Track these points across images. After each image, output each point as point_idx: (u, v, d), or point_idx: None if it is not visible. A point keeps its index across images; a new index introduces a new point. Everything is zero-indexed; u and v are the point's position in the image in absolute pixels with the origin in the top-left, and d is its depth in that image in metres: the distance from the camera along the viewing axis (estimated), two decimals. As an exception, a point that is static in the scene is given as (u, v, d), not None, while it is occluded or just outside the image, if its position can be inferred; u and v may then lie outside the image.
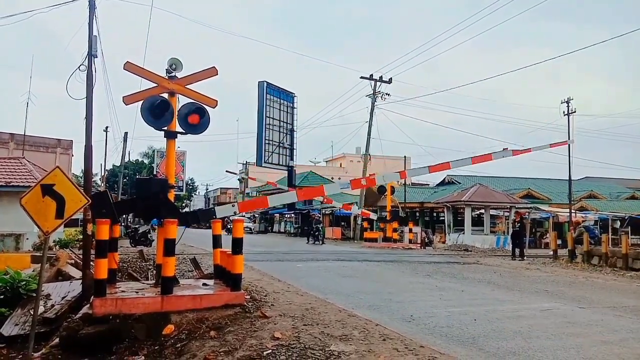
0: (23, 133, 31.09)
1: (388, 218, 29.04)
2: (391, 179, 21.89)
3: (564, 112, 31.45)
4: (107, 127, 40.69)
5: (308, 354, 4.82)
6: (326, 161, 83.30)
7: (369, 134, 34.49)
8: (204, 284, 7.84)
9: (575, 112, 31.24)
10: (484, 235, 28.37)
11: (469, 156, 10.78)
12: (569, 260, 17.88)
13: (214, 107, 8.04)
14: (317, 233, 30.32)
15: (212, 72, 8.01)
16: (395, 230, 28.72)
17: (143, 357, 5.79)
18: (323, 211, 42.82)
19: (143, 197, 7.39)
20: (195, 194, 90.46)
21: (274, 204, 9.10)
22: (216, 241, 8.48)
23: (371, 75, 34.47)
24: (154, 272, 8.99)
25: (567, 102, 31.46)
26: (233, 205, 8.05)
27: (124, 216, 40.43)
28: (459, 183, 42.84)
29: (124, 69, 7.51)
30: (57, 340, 6.46)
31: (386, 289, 9.96)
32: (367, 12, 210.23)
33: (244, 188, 67.96)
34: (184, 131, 7.88)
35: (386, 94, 34.77)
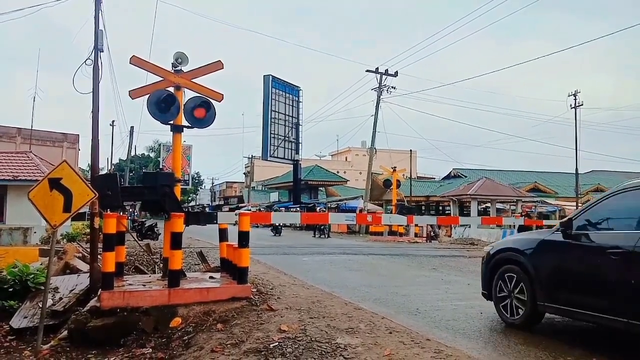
0: (30, 127, 31.25)
1: (393, 212, 29.02)
2: (396, 222, 22.46)
3: (571, 105, 31.31)
4: (113, 121, 41.15)
5: (314, 346, 4.84)
6: (332, 155, 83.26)
7: (374, 127, 34.35)
8: (211, 277, 7.88)
9: (582, 105, 31.07)
10: (490, 229, 28.28)
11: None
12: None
13: (219, 101, 8.06)
14: (322, 227, 30.33)
15: (217, 65, 8.01)
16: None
17: (150, 349, 5.83)
18: (329, 205, 42.89)
19: (150, 187, 7.44)
20: (201, 188, 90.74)
21: (277, 221, 9.22)
22: (222, 235, 8.52)
23: (377, 68, 34.26)
24: (161, 265, 9.05)
25: (574, 95, 31.28)
26: (236, 214, 8.10)
27: (130, 210, 40.70)
28: (465, 176, 42.76)
29: (130, 62, 7.52)
30: (65, 332, 6.53)
31: (392, 283, 9.97)
32: (372, 5, 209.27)
33: (250, 182, 68.08)
34: (190, 125, 7.89)
35: (392, 87, 34.56)
